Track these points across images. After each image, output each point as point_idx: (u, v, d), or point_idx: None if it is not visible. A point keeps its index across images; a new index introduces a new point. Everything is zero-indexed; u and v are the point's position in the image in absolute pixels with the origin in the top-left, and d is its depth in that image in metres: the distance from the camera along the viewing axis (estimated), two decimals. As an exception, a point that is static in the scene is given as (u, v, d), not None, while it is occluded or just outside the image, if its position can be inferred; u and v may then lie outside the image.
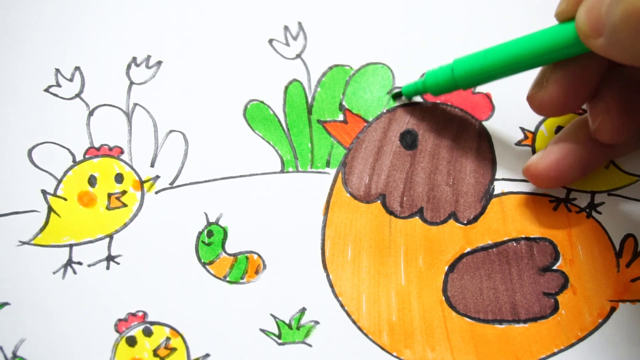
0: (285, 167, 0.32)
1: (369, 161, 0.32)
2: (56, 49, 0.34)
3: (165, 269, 0.30)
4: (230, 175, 0.32)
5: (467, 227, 0.31)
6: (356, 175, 0.32)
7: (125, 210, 0.31)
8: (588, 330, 0.29)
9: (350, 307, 0.30)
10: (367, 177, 0.32)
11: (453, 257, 0.30)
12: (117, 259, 0.30)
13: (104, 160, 0.32)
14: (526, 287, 0.30)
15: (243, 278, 0.30)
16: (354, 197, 0.32)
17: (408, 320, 0.29)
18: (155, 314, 0.30)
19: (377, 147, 0.32)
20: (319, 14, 0.35)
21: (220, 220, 0.31)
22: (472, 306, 0.30)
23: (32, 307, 0.30)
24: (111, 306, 0.30)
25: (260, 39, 0.35)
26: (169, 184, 0.32)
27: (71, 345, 0.29)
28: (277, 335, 0.29)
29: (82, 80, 0.34)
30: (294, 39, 0.35)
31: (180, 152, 0.32)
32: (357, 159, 0.32)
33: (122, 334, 0.29)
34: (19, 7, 0.35)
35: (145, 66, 0.34)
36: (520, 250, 0.30)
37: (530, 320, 0.29)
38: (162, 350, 0.29)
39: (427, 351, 0.29)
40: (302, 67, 0.34)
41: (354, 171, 0.32)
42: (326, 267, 0.31)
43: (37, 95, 0.33)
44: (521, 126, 0.33)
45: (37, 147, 0.32)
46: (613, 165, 0.32)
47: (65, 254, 0.30)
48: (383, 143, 0.32)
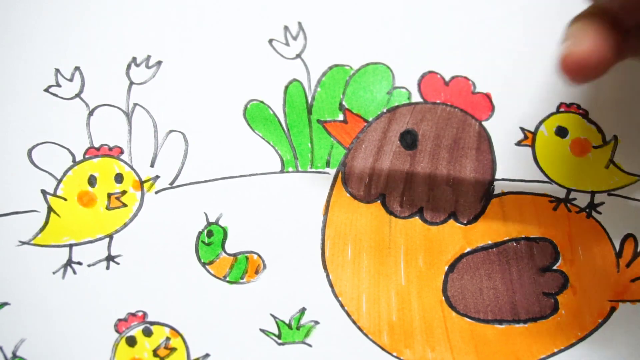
0: (285, 167, 0.32)
1: (369, 161, 0.32)
2: (56, 49, 0.34)
3: (165, 269, 0.30)
4: (230, 175, 0.32)
5: (467, 227, 0.31)
6: (356, 175, 0.32)
7: (125, 210, 0.31)
8: (588, 330, 0.29)
9: (350, 307, 0.30)
10: (367, 177, 0.32)
11: (453, 257, 0.30)
12: (117, 259, 0.30)
13: (103, 160, 0.32)
14: (526, 287, 0.30)
15: (243, 278, 0.30)
16: (354, 197, 0.32)
17: (408, 320, 0.29)
18: (155, 314, 0.30)
19: (377, 147, 0.32)
20: (319, 14, 0.35)
21: (220, 220, 0.31)
22: (472, 306, 0.30)
23: (32, 307, 0.30)
24: (111, 306, 0.30)
25: (260, 39, 0.35)
26: (169, 184, 0.32)
27: (71, 345, 0.29)
28: (277, 335, 0.29)
29: (82, 80, 0.34)
30: (294, 39, 0.35)
31: (180, 152, 0.32)
32: (357, 159, 0.32)
33: (122, 334, 0.29)
34: (19, 7, 0.35)
35: (145, 66, 0.34)
36: (520, 250, 0.30)
37: (530, 320, 0.29)
38: (162, 350, 0.29)
39: (427, 351, 0.29)
40: (302, 67, 0.34)
41: (354, 171, 0.32)
42: (326, 267, 0.31)
43: (37, 95, 0.33)
44: (521, 126, 0.33)
45: (37, 147, 0.32)
46: (613, 165, 0.32)
47: (65, 254, 0.30)
48: (383, 143, 0.32)
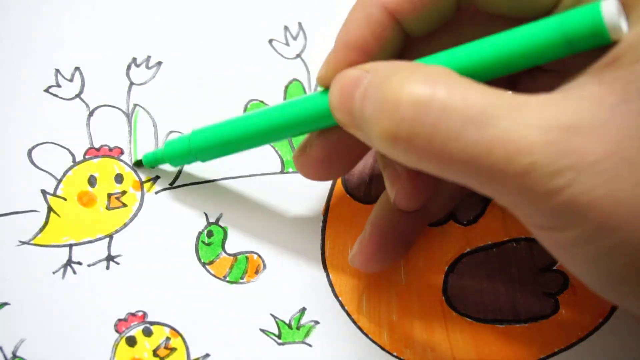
0: (285, 167, 0.32)
1: (369, 161, 0.32)
2: (56, 49, 0.34)
3: (165, 269, 0.30)
4: (230, 175, 0.32)
5: (467, 227, 0.31)
6: (356, 175, 0.32)
7: (125, 210, 0.31)
8: (588, 330, 0.29)
9: (350, 307, 0.30)
10: (367, 177, 0.32)
11: (453, 257, 0.30)
12: (117, 259, 0.30)
13: (103, 161, 0.32)
14: (526, 287, 0.30)
15: (243, 278, 0.30)
16: (354, 197, 0.32)
17: (408, 320, 0.29)
18: (155, 314, 0.30)
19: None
20: (319, 14, 0.35)
21: (220, 220, 0.31)
22: (472, 306, 0.30)
23: (32, 307, 0.30)
24: (111, 306, 0.30)
25: (260, 39, 0.35)
26: (169, 184, 0.32)
27: (71, 345, 0.29)
28: (277, 335, 0.29)
29: (82, 81, 0.34)
30: (294, 39, 0.35)
31: (180, 152, 0.32)
32: (357, 159, 0.32)
33: (122, 334, 0.29)
34: (19, 7, 0.35)
35: (145, 66, 0.34)
36: (520, 250, 0.30)
37: (530, 320, 0.29)
38: (162, 350, 0.29)
39: (427, 351, 0.29)
40: (302, 67, 0.34)
41: (354, 171, 0.32)
42: (326, 267, 0.31)
43: (37, 95, 0.33)
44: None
45: (37, 147, 0.32)
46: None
47: (65, 254, 0.30)
48: (383, 143, 0.32)
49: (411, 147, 0.20)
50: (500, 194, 0.20)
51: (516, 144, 0.18)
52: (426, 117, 0.19)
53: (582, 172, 0.18)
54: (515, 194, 0.19)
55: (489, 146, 0.18)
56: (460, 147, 0.19)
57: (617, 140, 0.18)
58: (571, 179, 0.18)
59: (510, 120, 0.19)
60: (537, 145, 0.18)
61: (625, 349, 0.29)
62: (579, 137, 0.18)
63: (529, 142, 0.18)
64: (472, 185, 0.20)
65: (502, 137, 0.18)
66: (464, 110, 0.19)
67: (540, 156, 0.18)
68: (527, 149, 0.18)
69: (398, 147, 0.20)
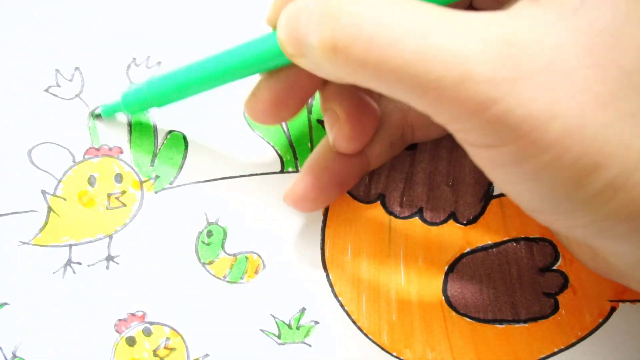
0: (285, 167, 0.32)
1: (368, 161, 0.32)
2: (56, 49, 0.34)
3: (165, 269, 0.30)
4: (230, 175, 0.32)
5: (467, 227, 0.31)
6: (356, 175, 0.32)
7: (125, 210, 0.31)
8: (588, 330, 0.29)
9: (350, 307, 0.30)
10: (366, 177, 0.32)
11: (453, 257, 0.30)
12: (117, 259, 0.30)
13: (103, 160, 0.32)
14: (526, 287, 0.30)
15: (243, 278, 0.30)
16: (354, 197, 0.32)
17: (408, 320, 0.29)
18: (155, 314, 0.30)
19: (377, 147, 0.32)
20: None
21: (220, 220, 0.31)
22: (472, 306, 0.30)
23: (32, 307, 0.30)
24: (111, 306, 0.30)
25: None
26: (169, 184, 0.32)
27: (71, 345, 0.29)
28: (277, 335, 0.29)
29: (82, 81, 0.34)
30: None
31: (180, 152, 0.32)
32: (357, 159, 0.32)
33: (122, 334, 0.29)
34: (19, 7, 0.35)
35: (145, 66, 0.34)
36: (520, 250, 0.30)
37: (530, 320, 0.29)
38: (161, 350, 0.29)
39: (427, 351, 0.29)
40: (302, 67, 0.34)
41: (354, 171, 0.32)
42: (326, 267, 0.31)
43: (37, 95, 0.33)
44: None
45: (37, 147, 0.32)
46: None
47: (65, 254, 0.30)
48: (383, 143, 0.32)
49: (350, 55, 0.20)
50: (437, 107, 0.20)
51: (454, 52, 0.18)
52: (365, 24, 0.19)
53: (518, 84, 0.18)
54: (451, 105, 0.19)
55: (427, 54, 0.19)
56: (399, 54, 0.19)
57: (553, 55, 0.18)
58: (507, 91, 0.18)
59: (450, 31, 0.19)
60: (474, 54, 0.18)
61: (625, 349, 0.29)
62: (516, 50, 0.18)
63: (467, 52, 0.18)
64: (410, 99, 0.20)
65: (440, 46, 0.19)
66: (404, 19, 0.19)
67: (476, 65, 0.18)
68: (464, 58, 0.18)
69: (338, 57, 0.20)
